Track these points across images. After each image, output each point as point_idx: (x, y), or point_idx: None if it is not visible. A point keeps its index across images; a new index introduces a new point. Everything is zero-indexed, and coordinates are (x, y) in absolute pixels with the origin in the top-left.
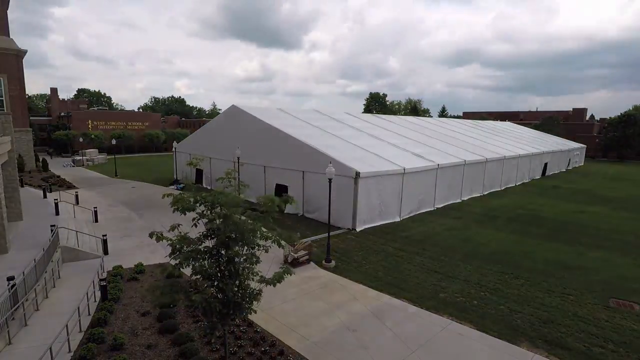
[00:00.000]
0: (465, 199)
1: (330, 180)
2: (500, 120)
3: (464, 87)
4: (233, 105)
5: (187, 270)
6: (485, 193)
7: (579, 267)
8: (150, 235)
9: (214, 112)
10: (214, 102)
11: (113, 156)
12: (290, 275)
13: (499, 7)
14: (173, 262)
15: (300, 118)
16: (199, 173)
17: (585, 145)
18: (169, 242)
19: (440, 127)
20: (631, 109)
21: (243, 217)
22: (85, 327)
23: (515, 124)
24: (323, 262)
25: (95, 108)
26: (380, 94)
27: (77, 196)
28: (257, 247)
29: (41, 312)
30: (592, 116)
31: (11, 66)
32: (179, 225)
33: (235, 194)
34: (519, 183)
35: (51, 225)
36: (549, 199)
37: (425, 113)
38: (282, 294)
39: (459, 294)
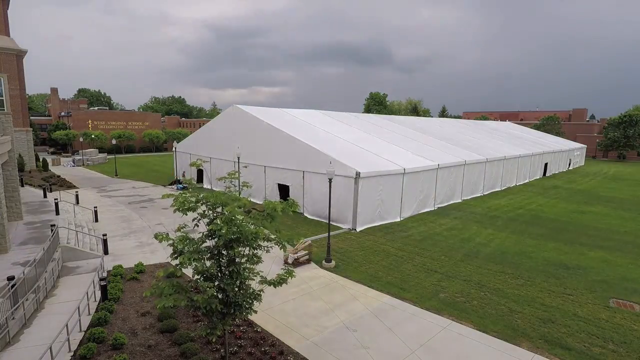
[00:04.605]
0: (465, 199)
1: (330, 180)
2: (501, 120)
3: None
4: (233, 105)
5: (187, 271)
6: (486, 193)
7: (579, 267)
8: (156, 237)
9: (214, 112)
10: (214, 102)
11: (113, 156)
12: (293, 277)
13: None
14: (174, 263)
15: (300, 118)
16: (200, 173)
17: (585, 145)
18: (170, 242)
19: (440, 127)
20: (632, 108)
21: (246, 219)
22: (86, 326)
23: (516, 124)
24: (323, 262)
25: (95, 108)
26: (381, 93)
27: (77, 196)
28: (259, 248)
29: (41, 312)
30: (592, 116)
31: (11, 66)
32: (185, 225)
33: (236, 194)
34: (519, 183)
35: (51, 225)
36: (549, 199)
37: (425, 113)
38: (282, 294)
39: (459, 294)
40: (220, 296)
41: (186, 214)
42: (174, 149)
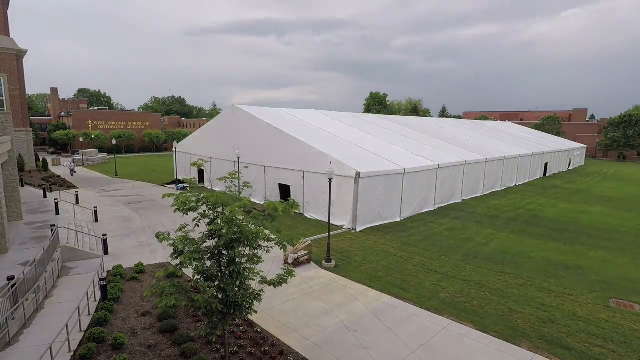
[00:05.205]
0: (465, 199)
1: (330, 180)
2: (501, 120)
3: None
4: (233, 105)
5: (187, 271)
6: (486, 193)
7: (579, 267)
8: (157, 237)
9: (214, 112)
10: (214, 102)
11: (113, 156)
12: (293, 277)
13: None
14: (175, 263)
15: (300, 118)
16: (201, 173)
17: (585, 145)
18: (170, 243)
19: (440, 127)
20: (632, 108)
21: (246, 219)
22: (86, 326)
23: (516, 124)
24: (323, 262)
25: (95, 108)
26: (381, 93)
27: (77, 196)
28: (259, 248)
29: (41, 312)
30: (592, 116)
31: (12, 66)
32: (186, 225)
33: (237, 194)
34: (519, 183)
35: (51, 225)
36: (549, 199)
37: (425, 113)
38: (282, 294)
39: (459, 294)
40: (220, 296)
41: (187, 214)
42: (174, 149)
